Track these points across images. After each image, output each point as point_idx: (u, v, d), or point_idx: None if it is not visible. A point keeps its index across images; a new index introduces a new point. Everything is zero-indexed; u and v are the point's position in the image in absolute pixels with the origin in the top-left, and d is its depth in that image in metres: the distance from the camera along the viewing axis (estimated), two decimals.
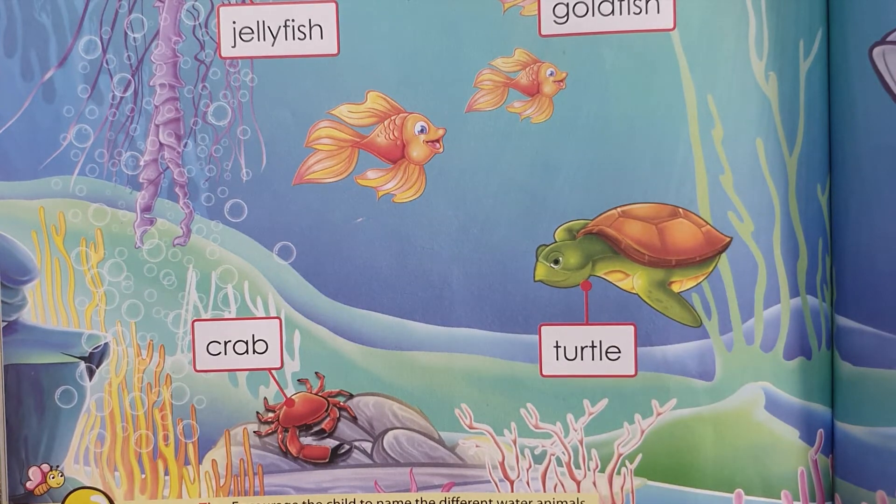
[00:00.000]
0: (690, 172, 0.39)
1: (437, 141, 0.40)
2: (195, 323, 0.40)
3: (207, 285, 0.40)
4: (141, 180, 0.41)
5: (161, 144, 0.40)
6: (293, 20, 0.40)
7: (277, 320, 0.40)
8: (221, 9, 0.40)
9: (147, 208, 0.41)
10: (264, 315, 0.40)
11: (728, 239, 0.39)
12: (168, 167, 0.41)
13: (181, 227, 0.40)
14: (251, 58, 0.40)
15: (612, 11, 0.39)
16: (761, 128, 0.39)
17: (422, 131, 0.40)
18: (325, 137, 0.40)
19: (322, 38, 0.40)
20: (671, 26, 0.39)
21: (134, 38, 0.40)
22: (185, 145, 0.40)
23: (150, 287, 0.40)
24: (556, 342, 0.39)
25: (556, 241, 0.39)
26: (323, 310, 0.40)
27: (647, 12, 0.39)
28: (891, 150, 0.35)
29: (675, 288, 0.39)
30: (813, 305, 0.39)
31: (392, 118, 0.40)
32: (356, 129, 0.40)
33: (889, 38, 0.36)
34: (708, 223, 0.39)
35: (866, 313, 0.37)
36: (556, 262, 0.39)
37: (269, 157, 0.40)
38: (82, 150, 0.41)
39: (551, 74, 0.39)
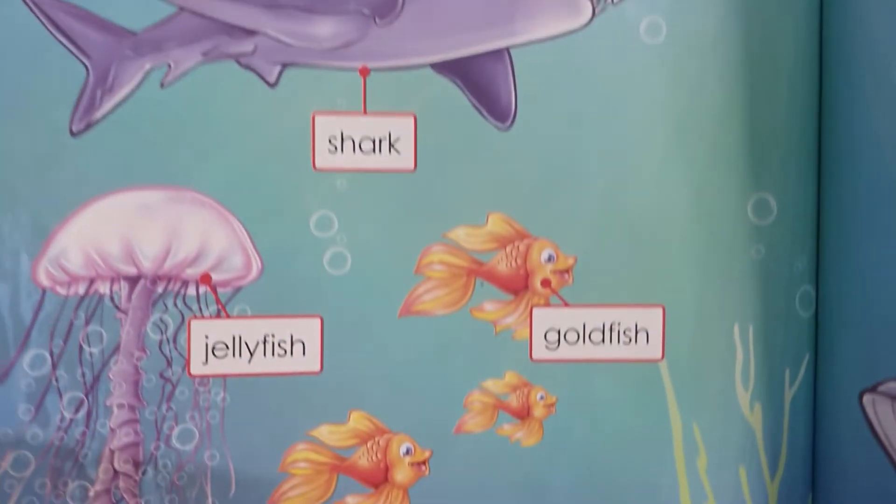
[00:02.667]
0: (675, 500, 0.39)
1: (423, 463, 0.38)
2: None
3: None
4: None
5: (115, 472, 0.36)
6: (273, 335, 0.37)
7: None
8: (193, 322, 0.37)
9: None
10: None
11: None
12: (123, 498, 0.36)
13: None
14: (224, 375, 0.37)
15: (603, 340, 0.39)
16: (744, 455, 0.39)
17: (407, 453, 0.38)
18: (303, 461, 0.37)
19: (304, 354, 0.37)
20: (660, 357, 0.39)
21: (90, 352, 0.36)
22: (143, 473, 0.36)
23: None
24: None
25: None
26: None
27: (636, 342, 0.39)
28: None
29: None
30: None
31: (376, 439, 0.38)
32: (336, 451, 0.38)
33: (880, 389, 0.37)
34: None
35: None
36: None
37: (239, 484, 0.37)
38: (19, 481, 0.36)
39: (542, 398, 0.39)
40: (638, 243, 0.39)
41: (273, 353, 0.37)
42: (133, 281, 0.37)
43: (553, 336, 0.39)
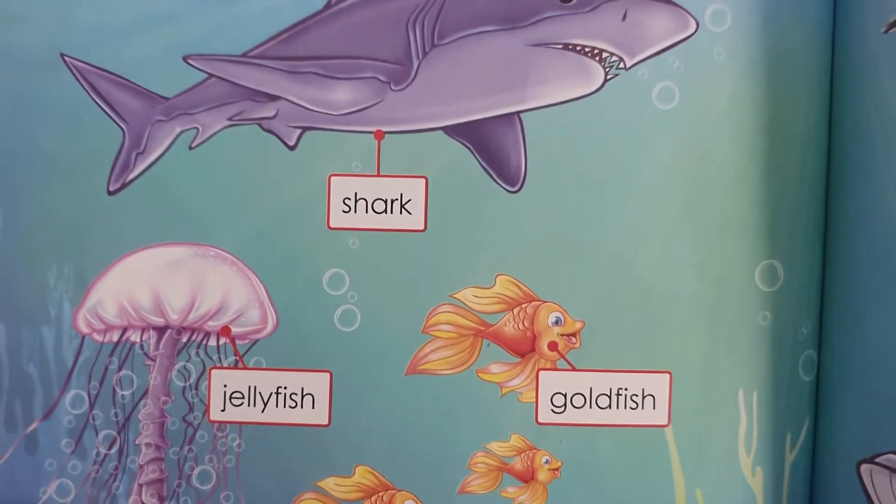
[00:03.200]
0: None
1: None
2: None
3: None
4: None
5: None
6: (285, 388, 0.39)
7: None
8: (213, 371, 0.39)
9: None
10: None
11: None
12: None
13: None
14: (240, 423, 0.39)
15: (609, 405, 0.38)
16: None
17: None
18: None
19: (314, 407, 0.39)
20: (665, 422, 0.38)
21: (122, 395, 0.39)
22: None
23: None
24: None
25: None
26: None
27: (643, 407, 0.38)
28: None
29: None
30: None
31: (380, 494, 0.39)
32: (341, 503, 0.39)
33: (878, 460, 0.35)
34: None
35: None
36: None
37: None
38: None
39: (546, 462, 0.39)
40: (646, 309, 0.38)
41: (285, 405, 0.39)
42: (161, 331, 0.39)
43: (559, 400, 0.39)
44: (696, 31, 0.38)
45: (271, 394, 0.39)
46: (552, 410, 0.39)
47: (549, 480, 0.39)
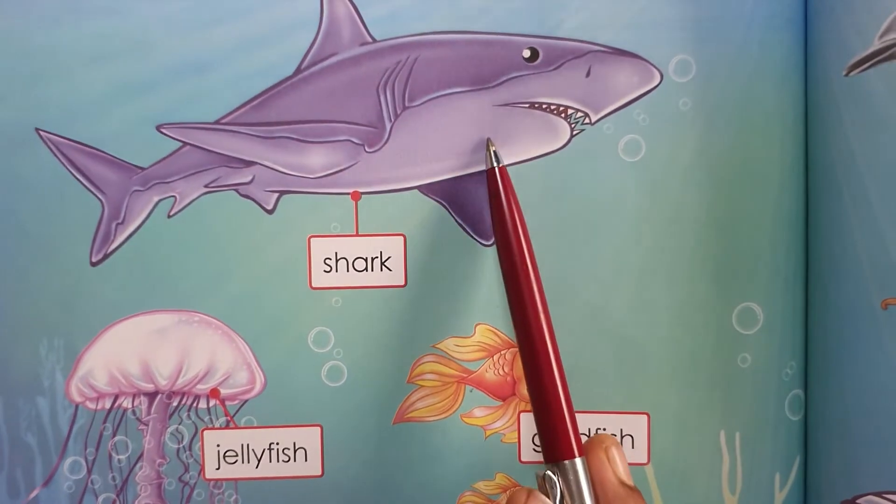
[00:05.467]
0: None
1: None
2: None
3: None
4: None
5: None
6: (278, 443, 0.41)
7: None
8: (206, 432, 0.41)
9: None
10: None
11: None
12: None
13: None
14: (235, 479, 0.41)
15: None
16: None
17: None
18: None
19: (307, 460, 0.41)
20: (646, 461, 0.40)
21: (118, 459, 0.41)
22: None
23: None
24: None
25: None
26: None
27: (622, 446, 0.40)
28: None
29: None
30: None
31: None
32: None
33: (858, 502, 0.38)
34: None
35: None
36: None
37: None
38: None
39: None
40: (621, 353, 0.40)
41: (278, 459, 0.41)
42: (151, 396, 0.41)
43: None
44: (660, 83, 0.39)
45: (264, 450, 0.41)
46: (534, 450, 0.41)
47: None
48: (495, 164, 0.37)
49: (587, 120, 0.39)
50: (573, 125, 0.39)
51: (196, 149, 0.40)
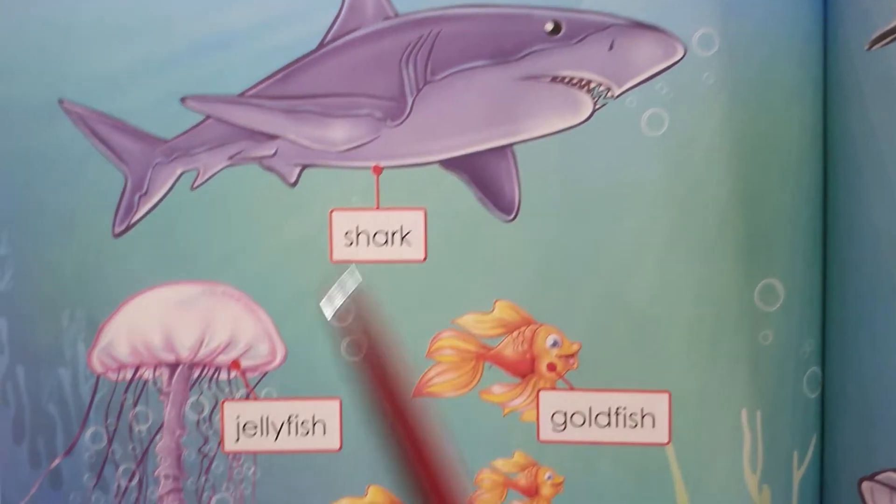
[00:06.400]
0: None
1: None
2: None
3: None
4: None
5: None
6: (297, 416, 0.41)
7: None
8: (226, 404, 0.41)
9: None
10: None
11: None
12: None
13: None
14: (254, 452, 0.41)
15: (609, 423, 0.40)
16: None
17: None
18: None
19: (325, 433, 0.41)
20: (666, 441, 0.40)
21: (139, 429, 0.41)
22: None
23: None
24: None
25: None
26: None
27: (642, 426, 0.40)
28: None
29: None
30: None
31: None
32: None
33: (879, 478, 0.37)
34: None
35: None
36: None
37: None
38: None
39: (549, 478, 0.40)
40: (642, 330, 0.39)
41: (297, 433, 0.41)
42: (172, 367, 0.41)
43: (560, 418, 0.40)
44: (683, 57, 0.39)
45: (283, 423, 0.41)
46: (553, 429, 0.40)
47: (553, 495, 0.41)
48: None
49: (609, 94, 0.39)
50: (595, 99, 0.39)
51: (219, 122, 0.40)
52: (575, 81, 0.39)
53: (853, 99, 0.37)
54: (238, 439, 0.41)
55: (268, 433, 0.41)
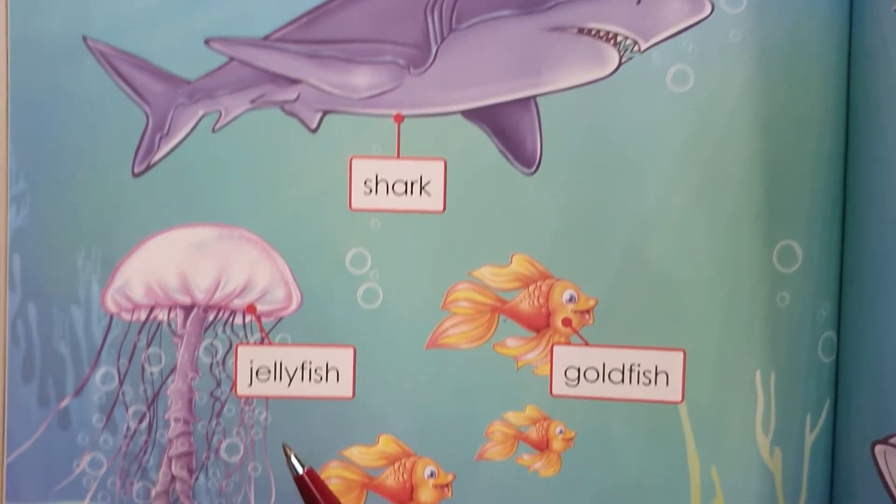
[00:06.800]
0: None
1: (446, 486, 0.41)
2: None
3: None
4: None
5: (173, 477, 0.41)
6: (311, 363, 0.41)
7: None
8: (240, 348, 0.41)
9: None
10: None
11: None
12: (179, 499, 0.41)
13: None
14: (266, 397, 0.41)
15: (622, 380, 0.40)
16: (763, 500, 0.40)
17: (431, 475, 0.41)
18: (335, 478, 0.41)
19: (338, 381, 0.41)
20: (679, 399, 0.40)
21: (151, 371, 0.41)
22: (196, 479, 0.41)
23: None
24: None
25: None
26: None
27: (656, 384, 0.40)
28: None
29: None
30: None
31: (402, 461, 0.41)
32: (366, 470, 0.41)
33: (891, 441, 0.37)
34: None
35: None
36: None
37: (279, 494, 0.41)
38: (95, 478, 0.41)
39: (561, 432, 0.40)
40: (659, 287, 0.39)
41: (310, 379, 0.41)
42: (187, 309, 0.41)
43: (573, 373, 0.40)
44: (710, 14, 0.39)
45: (297, 369, 0.41)
46: (566, 384, 0.40)
47: (564, 450, 0.41)
48: (300, 471, 0.35)
49: (636, 48, 0.39)
50: (622, 53, 0.39)
51: (243, 64, 0.40)
52: (602, 34, 0.39)
53: (879, 60, 0.37)
54: (251, 384, 0.41)
55: (281, 379, 0.41)
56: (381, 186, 0.40)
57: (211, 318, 0.41)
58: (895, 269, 0.36)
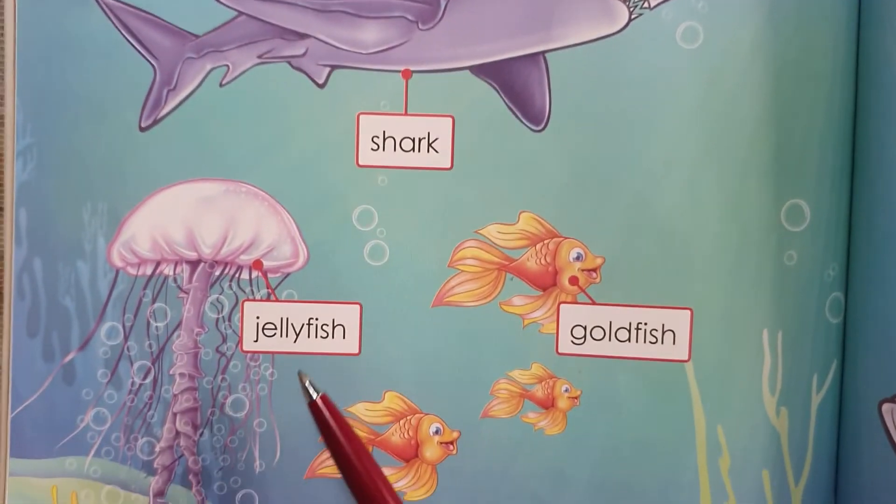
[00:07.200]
0: (695, 498, 0.40)
1: (452, 443, 0.41)
2: None
3: None
4: (156, 466, 0.41)
5: (177, 432, 0.41)
6: (316, 319, 0.41)
7: None
8: (246, 304, 0.41)
9: (160, 493, 0.41)
10: None
11: None
12: (183, 454, 0.41)
13: None
14: (272, 353, 0.41)
15: (629, 338, 0.40)
16: (769, 459, 0.40)
17: (436, 432, 0.41)
18: None
19: (344, 337, 0.41)
20: (686, 358, 0.40)
21: (156, 326, 0.41)
22: (201, 434, 0.41)
23: None
24: None
25: None
26: None
27: (662, 342, 0.40)
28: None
29: None
30: None
31: (408, 418, 0.41)
32: (371, 426, 0.41)
33: None
34: None
35: None
36: None
37: (284, 450, 0.41)
38: (99, 433, 0.41)
39: (566, 391, 0.40)
40: (667, 246, 0.39)
41: (316, 335, 0.41)
42: (194, 264, 0.41)
43: (579, 332, 0.40)
44: None
45: (303, 325, 0.41)
46: (572, 342, 0.40)
47: (569, 408, 0.40)
48: (315, 396, 0.37)
49: (646, 4, 0.38)
50: (631, 9, 0.38)
51: (251, 19, 0.40)
52: None
53: (889, 20, 0.36)
54: (257, 339, 0.41)
55: (287, 335, 0.41)
56: (389, 143, 0.40)
57: (217, 273, 0.41)
58: None
